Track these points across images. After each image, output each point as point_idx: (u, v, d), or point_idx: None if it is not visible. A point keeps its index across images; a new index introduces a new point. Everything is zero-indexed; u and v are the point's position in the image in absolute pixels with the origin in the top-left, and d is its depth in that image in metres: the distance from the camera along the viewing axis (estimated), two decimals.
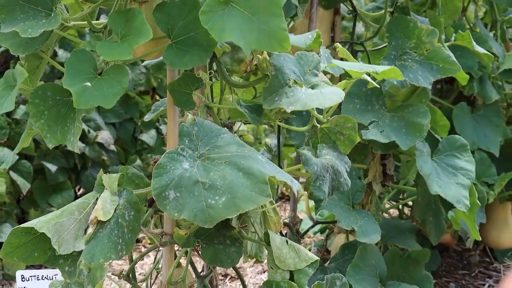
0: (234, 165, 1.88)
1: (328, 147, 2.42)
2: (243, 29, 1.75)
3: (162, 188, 1.83)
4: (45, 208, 4.35)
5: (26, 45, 1.91)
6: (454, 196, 2.96)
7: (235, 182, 1.83)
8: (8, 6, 1.85)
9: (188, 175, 1.86)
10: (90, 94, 1.82)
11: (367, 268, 2.88)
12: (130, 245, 1.95)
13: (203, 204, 1.81)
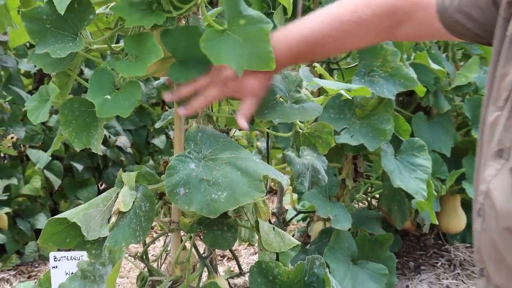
0: (233, 165, 1.89)
1: (309, 149, 2.44)
2: (236, 53, 1.75)
3: (174, 186, 1.84)
4: (73, 201, 4.36)
5: (56, 64, 1.90)
6: (413, 189, 2.99)
7: (235, 180, 1.84)
8: (40, 31, 1.85)
9: (194, 174, 1.87)
10: (109, 105, 1.83)
11: (341, 250, 2.89)
12: (146, 231, 1.96)
13: (208, 199, 1.83)
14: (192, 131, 1.98)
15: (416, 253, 4.02)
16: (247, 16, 1.80)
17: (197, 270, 2.23)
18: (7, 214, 3.92)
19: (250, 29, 1.77)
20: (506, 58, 1.56)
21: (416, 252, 4.03)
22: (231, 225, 2.13)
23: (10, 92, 4.02)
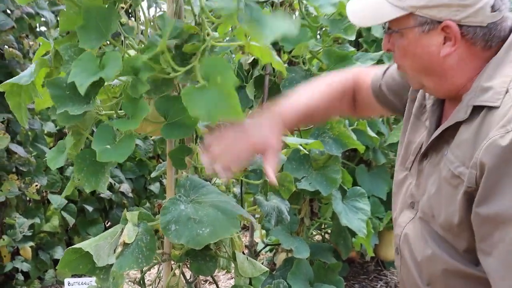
0: (214, 207, 1.91)
1: (274, 194, 2.51)
2: (210, 105, 1.70)
3: (166, 223, 1.85)
4: (85, 236, 4.37)
5: (70, 120, 1.92)
6: (356, 227, 3.01)
7: (216, 218, 1.87)
8: (61, 96, 1.88)
9: (184, 213, 1.88)
10: (108, 153, 1.84)
11: (301, 275, 2.90)
12: (149, 259, 1.98)
13: (194, 233, 1.84)
14: (182, 179, 1.99)
15: (360, 277, 4.06)
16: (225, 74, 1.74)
17: None
18: (31, 247, 3.88)
19: (224, 86, 1.71)
20: (411, 129, 1.69)
21: (360, 276, 4.06)
22: (212, 256, 2.13)
23: (35, 148, 4.03)
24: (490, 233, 1.34)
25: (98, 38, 1.84)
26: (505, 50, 1.45)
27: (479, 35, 1.44)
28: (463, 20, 1.42)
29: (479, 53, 1.48)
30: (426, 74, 1.55)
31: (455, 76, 1.51)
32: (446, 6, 1.42)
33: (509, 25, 1.47)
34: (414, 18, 1.47)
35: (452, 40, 1.46)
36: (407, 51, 1.54)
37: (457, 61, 1.49)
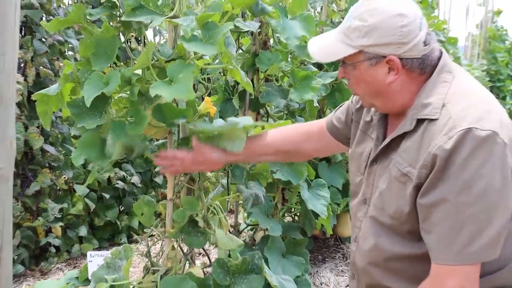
0: None
1: (254, 183, 2.48)
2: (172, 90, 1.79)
3: None
4: (103, 218, 4.35)
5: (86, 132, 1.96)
6: (319, 210, 3.03)
7: None
8: (79, 113, 1.90)
9: None
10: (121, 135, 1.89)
11: (275, 249, 2.91)
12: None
13: None
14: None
15: (322, 250, 4.04)
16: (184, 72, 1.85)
17: (181, 262, 2.21)
18: (61, 226, 3.88)
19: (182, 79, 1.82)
20: (358, 142, 1.76)
21: (322, 249, 4.05)
22: (202, 232, 2.14)
23: (64, 148, 4.02)
24: (431, 215, 1.40)
25: (105, 61, 1.91)
26: (437, 74, 1.52)
27: (416, 64, 1.51)
28: (403, 54, 1.49)
29: (417, 78, 1.54)
30: (375, 97, 1.60)
31: (399, 97, 1.56)
32: (389, 45, 1.47)
33: (437, 54, 1.55)
34: (364, 54, 1.52)
35: (395, 70, 1.51)
36: (359, 79, 1.59)
37: (399, 85, 1.54)
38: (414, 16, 1.47)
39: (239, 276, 2.12)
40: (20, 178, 3.72)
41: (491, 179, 1.32)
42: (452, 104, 1.43)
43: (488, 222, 1.33)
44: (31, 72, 3.69)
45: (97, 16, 1.93)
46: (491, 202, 1.33)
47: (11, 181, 1.56)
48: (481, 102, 1.44)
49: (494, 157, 1.33)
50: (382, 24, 1.46)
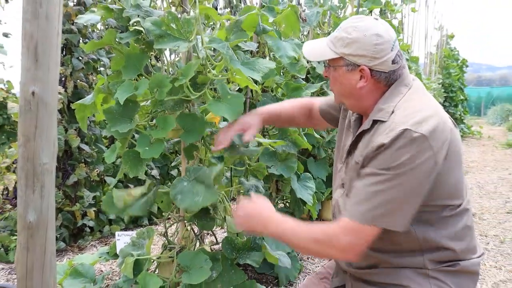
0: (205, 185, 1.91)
1: (253, 177, 2.47)
2: (224, 110, 1.85)
3: (175, 194, 1.89)
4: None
5: (121, 134, 1.95)
6: (307, 198, 2.99)
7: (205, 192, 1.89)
8: (112, 118, 1.91)
9: (186, 187, 1.90)
10: (147, 152, 1.88)
11: None
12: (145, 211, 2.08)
13: (192, 200, 1.86)
14: (188, 167, 2.00)
15: None
16: (232, 94, 1.89)
17: (193, 241, 2.20)
18: (94, 211, 3.88)
19: (232, 99, 1.87)
20: (344, 136, 1.77)
21: None
22: (211, 217, 2.12)
23: (96, 146, 4.02)
24: (356, 184, 1.51)
25: (134, 72, 1.94)
26: (395, 86, 1.57)
27: (383, 77, 1.56)
28: (373, 67, 1.54)
29: (382, 88, 1.58)
30: (346, 97, 1.65)
31: (364, 101, 1.61)
32: (364, 57, 1.53)
33: (403, 71, 1.59)
34: (343, 60, 1.57)
35: (365, 78, 1.57)
36: (337, 80, 1.63)
37: (366, 91, 1.59)
38: (388, 38, 1.53)
39: (243, 252, 2.12)
40: (61, 171, 3.72)
41: (410, 170, 1.38)
42: (400, 111, 1.48)
43: (393, 200, 1.40)
44: (70, 84, 3.71)
45: (126, 40, 1.95)
46: (403, 187, 1.40)
47: (54, 174, 1.55)
48: (423, 111, 1.46)
49: (419, 155, 1.38)
50: (361, 39, 1.52)
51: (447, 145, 1.43)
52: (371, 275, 1.60)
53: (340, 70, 1.60)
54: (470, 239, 1.57)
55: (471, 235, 1.58)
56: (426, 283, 1.50)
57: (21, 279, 1.57)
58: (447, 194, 1.50)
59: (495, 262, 3.49)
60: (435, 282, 1.51)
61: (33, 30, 1.48)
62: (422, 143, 1.38)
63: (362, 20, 1.56)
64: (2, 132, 3.97)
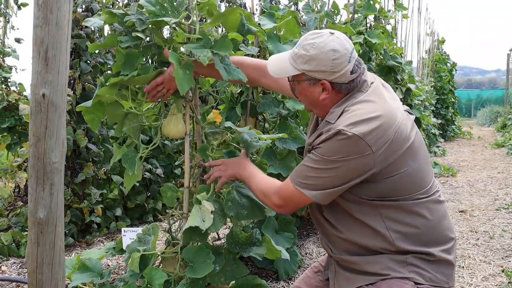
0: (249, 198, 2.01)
1: None
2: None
3: (228, 200, 1.97)
4: (134, 201, 4.33)
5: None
6: None
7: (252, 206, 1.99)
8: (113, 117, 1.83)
9: (236, 196, 2.00)
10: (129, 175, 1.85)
11: (270, 226, 2.88)
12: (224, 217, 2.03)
13: (237, 211, 1.96)
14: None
15: (307, 227, 4.00)
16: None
17: None
18: (101, 207, 3.87)
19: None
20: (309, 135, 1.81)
21: (307, 226, 4.01)
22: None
23: (104, 146, 4.01)
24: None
25: (131, 68, 1.92)
26: (350, 94, 1.63)
27: (343, 87, 1.63)
28: (333, 80, 1.61)
29: (342, 96, 1.65)
30: (313, 106, 1.72)
31: (328, 108, 1.66)
32: (323, 72, 1.59)
33: (362, 78, 1.65)
34: (305, 75, 1.64)
35: (327, 91, 1.63)
36: (301, 92, 1.71)
37: (329, 101, 1.65)
38: (345, 51, 1.57)
39: (245, 246, 2.11)
40: (70, 170, 3.72)
41: (341, 163, 1.50)
42: (345, 114, 1.57)
43: (321, 179, 1.56)
44: (79, 87, 3.71)
45: (126, 44, 1.94)
46: (332, 173, 1.53)
47: (63, 172, 1.55)
48: (368, 114, 1.53)
49: (352, 152, 1.49)
50: (319, 56, 1.57)
51: (389, 145, 1.51)
52: (352, 264, 1.63)
53: (303, 84, 1.66)
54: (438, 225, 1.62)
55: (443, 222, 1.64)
56: (404, 270, 1.52)
57: (31, 273, 1.57)
58: (406, 186, 1.57)
59: (484, 257, 3.49)
60: (413, 268, 1.52)
61: (44, 36, 1.48)
62: (356, 142, 1.48)
63: (319, 36, 1.60)
64: (14, 133, 3.98)
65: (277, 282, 2.96)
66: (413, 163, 1.57)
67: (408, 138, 1.56)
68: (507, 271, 3.02)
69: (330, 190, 1.56)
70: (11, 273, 3.04)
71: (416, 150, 1.60)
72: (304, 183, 1.59)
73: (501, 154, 9.23)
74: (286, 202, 1.68)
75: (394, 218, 1.57)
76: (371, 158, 1.49)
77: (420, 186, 1.60)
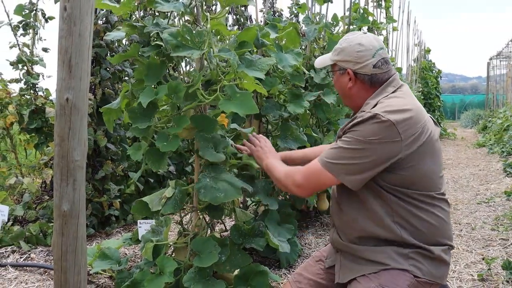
0: (226, 181, 1.92)
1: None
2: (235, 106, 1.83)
3: (199, 187, 1.89)
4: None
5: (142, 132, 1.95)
6: None
7: (227, 188, 1.90)
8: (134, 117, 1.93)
9: (209, 183, 1.91)
10: (165, 146, 1.88)
11: (273, 219, 2.82)
12: (180, 206, 1.99)
13: (214, 195, 1.87)
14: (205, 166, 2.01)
15: (306, 219, 3.98)
16: (240, 92, 1.88)
17: (205, 229, 2.19)
18: (119, 202, 3.87)
19: (241, 97, 1.85)
20: None
21: (307, 219, 3.99)
22: (220, 208, 2.11)
23: (121, 146, 4.01)
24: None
25: (154, 79, 1.95)
26: (383, 87, 1.63)
27: (366, 78, 1.65)
28: (357, 70, 1.65)
29: (367, 88, 1.66)
30: (343, 97, 1.75)
31: (356, 100, 1.69)
32: (349, 62, 1.65)
33: (389, 75, 1.65)
34: (337, 66, 1.71)
35: (352, 80, 1.66)
36: (336, 83, 1.77)
37: (356, 91, 1.68)
38: (370, 47, 1.62)
39: (248, 238, 2.10)
40: (91, 167, 3.71)
41: (374, 146, 1.46)
42: (381, 104, 1.55)
43: (353, 162, 1.50)
44: (99, 92, 3.70)
45: (148, 53, 1.95)
46: (364, 156, 1.48)
47: (84, 169, 1.55)
48: (401, 106, 1.52)
49: (385, 137, 1.46)
50: (347, 48, 1.65)
51: (416, 137, 1.48)
52: (358, 252, 1.61)
53: (336, 74, 1.73)
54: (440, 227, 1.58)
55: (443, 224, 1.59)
56: (405, 262, 1.50)
57: (57, 260, 1.58)
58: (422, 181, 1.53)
59: (467, 246, 3.48)
60: (413, 262, 1.51)
61: (68, 45, 1.48)
62: (389, 127, 1.45)
63: (354, 34, 1.69)
64: (41, 133, 3.99)
65: (279, 269, 2.95)
66: (431, 161, 1.54)
67: (431, 136, 1.55)
68: (487, 259, 3.00)
69: (359, 176, 1.50)
70: (39, 260, 3.05)
71: (436, 150, 1.58)
72: (334, 164, 1.53)
73: (482, 153, 9.19)
74: (308, 182, 1.62)
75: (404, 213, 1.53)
76: (399, 146, 1.46)
77: (435, 187, 1.57)
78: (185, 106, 1.95)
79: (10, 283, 2.67)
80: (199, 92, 1.88)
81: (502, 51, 17.67)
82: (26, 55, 4.30)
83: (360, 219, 1.59)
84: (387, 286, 1.48)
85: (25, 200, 3.78)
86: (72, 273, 1.57)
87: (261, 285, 2.08)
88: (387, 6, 5.86)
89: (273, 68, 3.07)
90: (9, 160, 4.45)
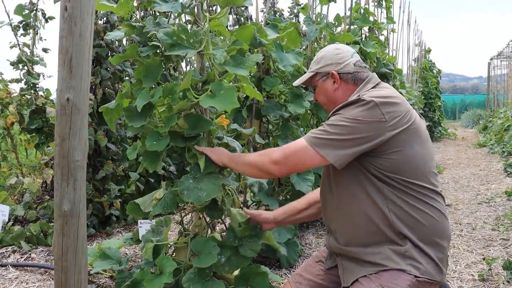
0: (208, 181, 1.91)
1: None
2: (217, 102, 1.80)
3: (181, 190, 1.87)
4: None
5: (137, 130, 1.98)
6: (305, 190, 2.93)
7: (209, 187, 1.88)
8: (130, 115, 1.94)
9: (191, 184, 1.90)
10: (154, 145, 1.90)
11: None
12: (172, 207, 1.98)
13: (197, 195, 1.86)
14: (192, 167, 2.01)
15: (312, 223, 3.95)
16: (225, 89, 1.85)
17: (205, 229, 2.19)
18: (120, 201, 3.86)
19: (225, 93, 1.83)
20: None
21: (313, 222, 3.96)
22: (220, 208, 2.10)
23: (122, 146, 4.02)
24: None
25: (152, 80, 1.95)
26: (363, 84, 1.71)
27: (349, 76, 1.73)
28: (340, 70, 1.74)
29: (351, 87, 1.73)
30: (328, 102, 1.79)
31: (341, 101, 1.66)
32: (330, 64, 1.75)
33: (368, 73, 1.75)
34: (318, 74, 1.79)
35: (336, 81, 1.74)
36: (319, 92, 1.81)
37: (341, 93, 1.74)
38: (346, 50, 1.77)
39: (244, 239, 2.07)
40: (91, 167, 3.71)
41: (358, 124, 1.50)
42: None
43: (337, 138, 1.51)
44: (99, 92, 3.71)
45: (146, 53, 1.96)
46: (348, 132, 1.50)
47: (85, 169, 1.55)
48: (380, 93, 1.59)
49: (369, 116, 1.50)
50: (325, 54, 1.77)
51: (400, 119, 1.51)
52: (356, 254, 1.59)
53: (319, 83, 1.78)
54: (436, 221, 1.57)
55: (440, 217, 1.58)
56: (402, 262, 1.49)
57: (57, 260, 1.58)
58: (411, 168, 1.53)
59: (467, 246, 3.48)
60: (410, 261, 1.50)
61: (68, 45, 1.48)
62: (372, 107, 1.50)
63: (326, 47, 1.83)
64: (42, 133, 4.00)
65: (280, 269, 2.95)
66: (419, 147, 1.55)
67: (416, 123, 1.57)
68: (487, 259, 3.00)
69: (343, 151, 1.50)
70: (40, 260, 3.05)
71: (424, 139, 1.59)
72: (319, 139, 1.53)
73: (483, 153, 9.19)
74: (287, 159, 1.58)
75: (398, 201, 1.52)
76: (383, 126, 1.49)
77: (425, 178, 1.56)
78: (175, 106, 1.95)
79: (11, 283, 2.67)
80: (190, 92, 1.88)
81: (503, 51, 17.67)
82: (26, 55, 4.30)
83: (353, 213, 1.58)
84: (387, 286, 1.47)
85: (25, 200, 3.78)
86: (73, 273, 1.57)
87: (261, 285, 2.07)
88: (388, 6, 5.86)
89: (274, 68, 3.07)
90: (10, 160, 4.45)
